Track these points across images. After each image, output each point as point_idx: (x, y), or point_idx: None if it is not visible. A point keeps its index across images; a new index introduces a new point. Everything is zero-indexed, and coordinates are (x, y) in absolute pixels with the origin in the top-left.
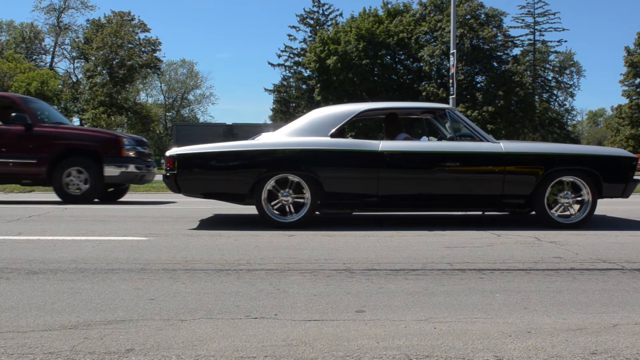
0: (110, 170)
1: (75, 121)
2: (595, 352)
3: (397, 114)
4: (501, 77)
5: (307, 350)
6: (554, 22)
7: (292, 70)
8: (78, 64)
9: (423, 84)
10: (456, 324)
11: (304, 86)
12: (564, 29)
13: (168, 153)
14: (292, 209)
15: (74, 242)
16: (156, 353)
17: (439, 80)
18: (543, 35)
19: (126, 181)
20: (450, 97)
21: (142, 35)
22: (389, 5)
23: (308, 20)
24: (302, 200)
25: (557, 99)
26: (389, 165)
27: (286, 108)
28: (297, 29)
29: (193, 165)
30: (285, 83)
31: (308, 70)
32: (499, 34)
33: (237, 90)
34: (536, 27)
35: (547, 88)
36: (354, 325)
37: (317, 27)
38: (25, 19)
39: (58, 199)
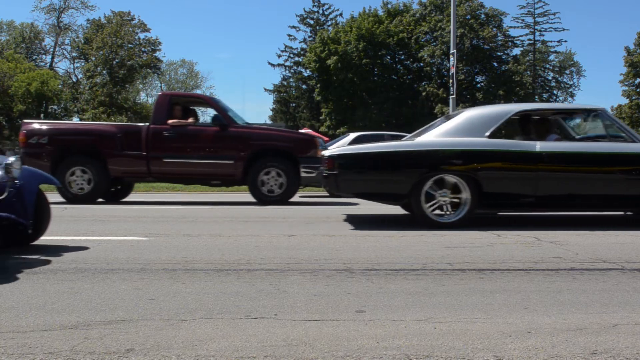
0: (307, 171)
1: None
2: (595, 352)
3: (549, 115)
4: (501, 77)
5: (307, 350)
6: (554, 22)
7: (292, 70)
8: (78, 64)
9: (423, 84)
10: (456, 324)
11: (304, 86)
12: (564, 29)
13: (327, 153)
14: (450, 209)
15: (74, 242)
16: (156, 353)
17: (439, 80)
18: (543, 35)
19: (320, 182)
20: (450, 97)
21: (142, 35)
22: (389, 5)
23: (308, 20)
24: (458, 201)
25: (557, 99)
26: (547, 166)
27: (286, 108)
28: (297, 29)
29: (354, 166)
30: (285, 83)
31: (308, 70)
32: (499, 34)
33: (237, 90)
34: (536, 27)
35: (547, 88)
36: (354, 325)
37: (317, 27)
38: (25, 19)
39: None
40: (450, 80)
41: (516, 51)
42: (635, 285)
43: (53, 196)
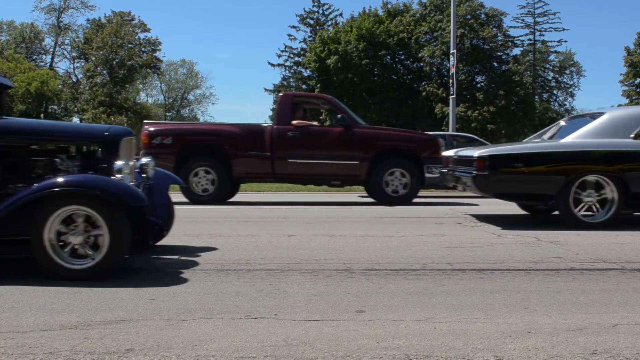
0: (431, 171)
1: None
2: (595, 352)
3: None
4: (501, 77)
5: (307, 350)
6: (554, 22)
7: (292, 70)
8: (78, 64)
9: (423, 84)
10: (456, 324)
11: (304, 86)
12: (564, 29)
13: (477, 154)
14: (596, 210)
15: None
16: (156, 353)
17: (439, 80)
18: (543, 35)
19: (442, 182)
20: (450, 97)
21: (142, 35)
22: (389, 6)
23: (308, 20)
24: (604, 202)
25: (557, 99)
26: None
27: None
28: (297, 29)
29: (505, 166)
30: (285, 83)
31: (308, 70)
32: (499, 34)
33: (237, 90)
34: (536, 27)
35: (547, 88)
36: (354, 325)
37: (317, 27)
38: (25, 19)
39: None
40: (450, 80)
41: (516, 51)
42: (635, 285)
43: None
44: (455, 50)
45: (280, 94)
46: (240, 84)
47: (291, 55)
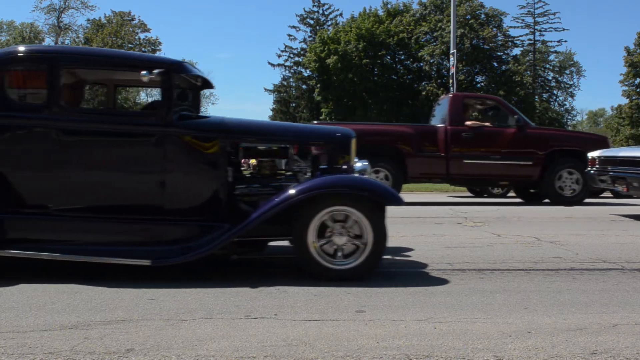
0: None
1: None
2: (595, 352)
3: None
4: (501, 77)
5: (307, 350)
6: (554, 22)
7: (292, 70)
8: None
9: (423, 84)
10: (456, 324)
11: (304, 86)
12: (564, 29)
13: None
14: None
15: None
16: (156, 353)
17: (439, 80)
18: (543, 35)
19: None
20: None
21: (142, 35)
22: (389, 6)
23: (308, 20)
24: None
25: (557, 99)
26: None
27: (286, 108)
28: (297, 29)
29: None
30: (285, 83)
31: (308, 70)
32: (499, 34)
33: (237, 90)
34: (536, 27)
35: (547, 88)
36: (354, 325)
37: (317, 27)
38: (25, 19)
39: None
40: (450, 80)
41: (516, 51)
42: (635, 285)
43: None
44: (455, 50)
45: (451, 95)
46: (240, 84)
47: (291, 55)
